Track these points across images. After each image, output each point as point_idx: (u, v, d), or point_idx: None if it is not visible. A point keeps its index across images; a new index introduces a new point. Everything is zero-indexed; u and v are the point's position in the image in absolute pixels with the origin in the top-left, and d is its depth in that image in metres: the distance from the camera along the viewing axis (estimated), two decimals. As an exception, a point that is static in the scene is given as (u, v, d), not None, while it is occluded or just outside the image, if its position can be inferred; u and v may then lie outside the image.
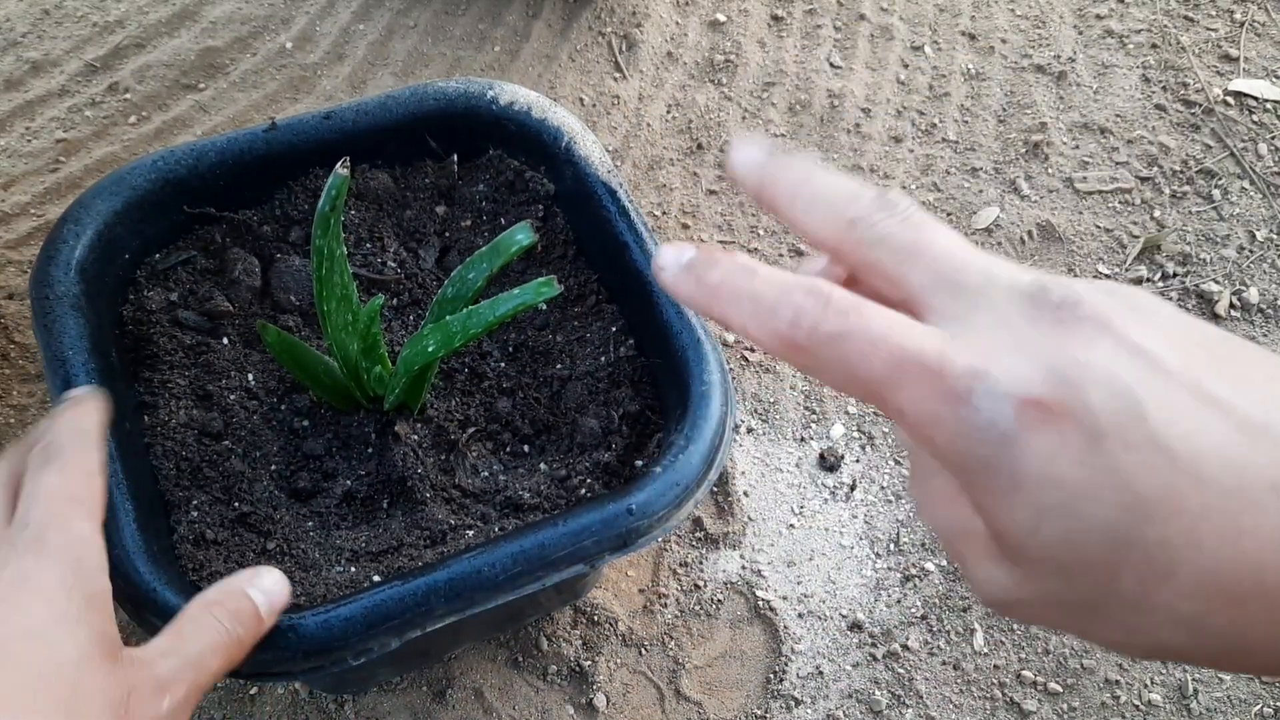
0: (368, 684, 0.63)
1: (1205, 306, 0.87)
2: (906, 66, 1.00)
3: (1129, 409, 0.19)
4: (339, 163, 0.44)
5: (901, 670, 0.68)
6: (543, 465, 0.54)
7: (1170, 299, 0.87)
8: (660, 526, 0.48)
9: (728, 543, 0.72)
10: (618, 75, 0.96)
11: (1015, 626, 0.70)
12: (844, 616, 0.70)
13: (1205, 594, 0.19)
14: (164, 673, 0.34)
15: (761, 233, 0.87)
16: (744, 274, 0.22)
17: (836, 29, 1.03)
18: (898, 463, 0.76)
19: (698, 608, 0.69)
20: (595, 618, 0.67)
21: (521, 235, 0.50)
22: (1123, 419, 0.19)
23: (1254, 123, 0.98)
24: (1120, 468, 0.19)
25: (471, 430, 0.55)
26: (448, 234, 0.62)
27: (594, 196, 0.58)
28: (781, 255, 0.86)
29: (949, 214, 0.90)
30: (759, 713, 0.66)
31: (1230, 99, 1.00)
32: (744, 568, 0.71)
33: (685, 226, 0.87)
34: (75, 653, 0.31)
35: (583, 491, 0.52)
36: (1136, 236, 0.90)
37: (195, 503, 0.49)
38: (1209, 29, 1.06)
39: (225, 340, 0.56)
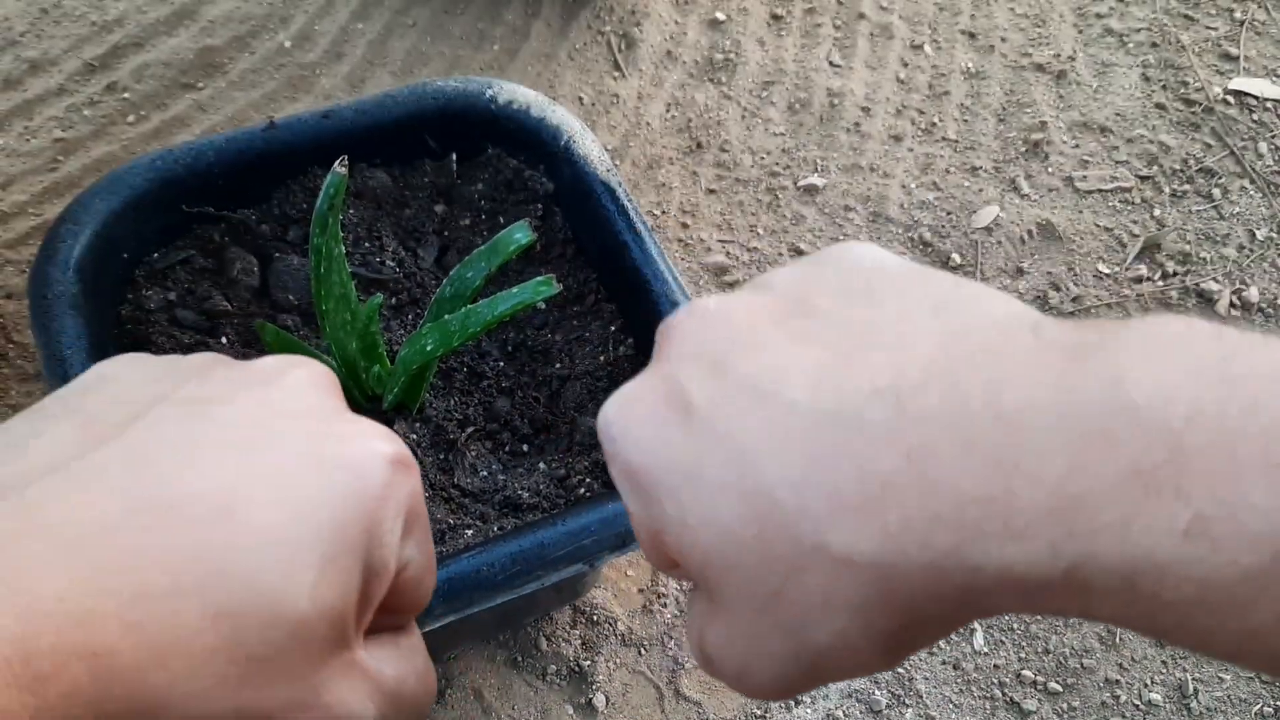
0: (367, 684, 0.63)
1: (1205, 305, 0.87)
2: (906, 65, 1.00)
3: (711, 370, 0.21)
4: (337, 162, 0.44)
5: (901, 670, 0.68)
6: (542, 464, 0.54)
7: (1170, 298, 0.87)
8: (659, 526, 0.47)
9: (727, 542, 0.72)
10: (617, 74, 0.96)
11: (1015, 626, 0.70)
12: (844, 616, 0.70)
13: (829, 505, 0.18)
14: (386, 675, 0.22)
15: (761, 232, 0.87)
16: None
17: (836, 28, 1.03)
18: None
19: (697, 607, 0.69)
20: (594, 617, 0.67)
21: (520, 234, 0.49)
22: (708, 384, 0.20)
23: (1254, 121, 0.98)
24: (718, 425, 0.20)
25: (470, 430, 0.55)
26: (446, 233, 0.62)
27: (593, 195, 0.58)
28: (781, 255, 0.86)
29: (948, 213, 0.90)
30: (758, 713, 0.66)
31: (1230, 98, 0.99)
32: (743, 567, 0.71)
33: (684, 225, 0.87)
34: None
35: (582, 491, 0.52)
36: (1136, 235, 0.90)
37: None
38: (1209, 27, 1.05)
39: (224, 340, 0.56)
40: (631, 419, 0.21)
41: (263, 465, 0.20)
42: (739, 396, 0.20)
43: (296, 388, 0.22)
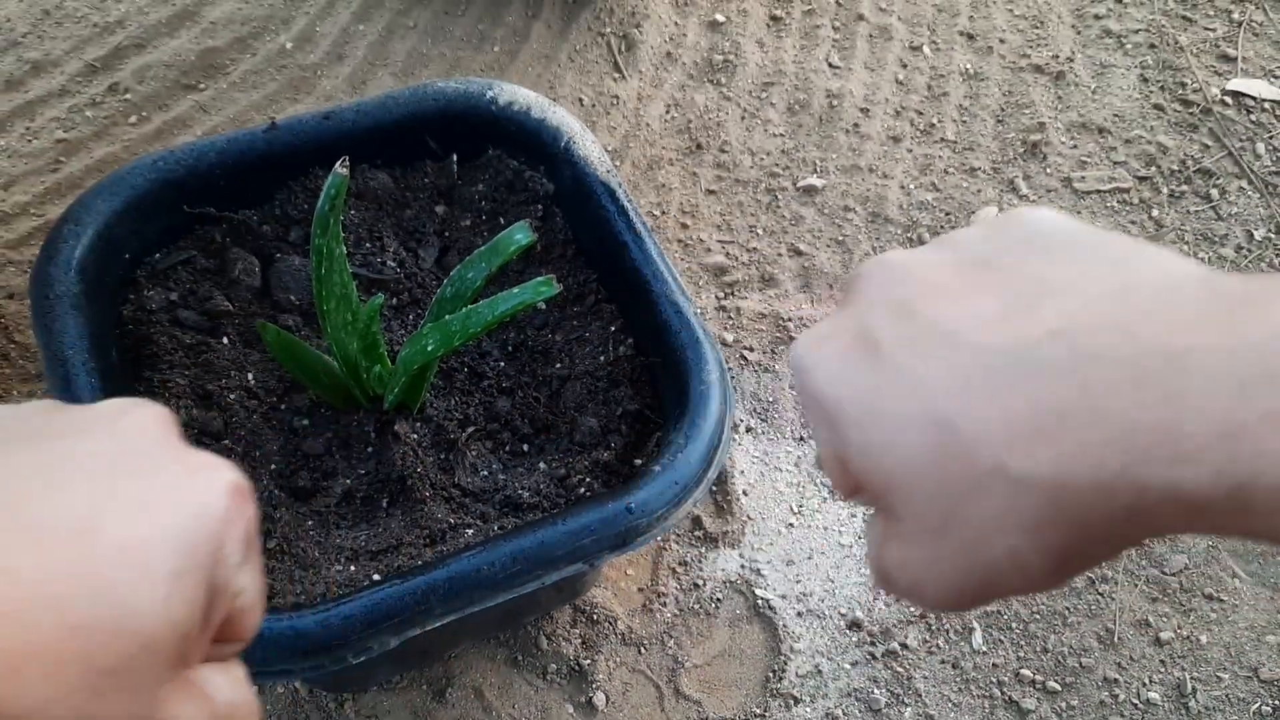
0: (367, 683, 0.63)
1: (1203, 306, 0.87)
2: (905, 66, 1.01)
3: (899, 314, 0.23)
4: (338, 163, 0.44)
5: (900, 669, 0.68)
6: (542, 464, 0.54)
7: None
8: (659, 525, 0.48)
9: (727, 541, 0.72)
10: (617, 75, 0.96)
11: (1014, 625, 0.70)
12: (843, 615, 0.70)
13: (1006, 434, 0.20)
14: (218, 698, 0.23)
15: (760, 232, 0.88)
16: None
17: (835, 29, 1.03)
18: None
19: (697, 606, 0.69)
20: (594, 616, 0.67)
21: (520, 235, 0.50)
22: (896, 321, 0.23)
23: (1252, 122, 0.98)
24: (903, 362, 0.22)
25: (471, 429, 0.55)
26: (447, 234, 0.62)
27: (593, 196, 0.58)
28: (780, 254, 0.86)
29: (947, 213, 0.91)
30: (758, 711, 0.66)
31: (1228, 99, 1.00)
32: (743, 566, 0.71)
33: (684, 226, 0.87)
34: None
35: (582, 490, 0.52)
36: (1135, 236, 0.91)
37: (195, 502, 0.50)
38: (1207, 29, 1.06)
39: (225, 340, 0.56)
40: (822, 356, 0.24)
41: (118, 489, 0.21)
42: (923, 338, 0.22)
43: (141, 424, 0.23)
